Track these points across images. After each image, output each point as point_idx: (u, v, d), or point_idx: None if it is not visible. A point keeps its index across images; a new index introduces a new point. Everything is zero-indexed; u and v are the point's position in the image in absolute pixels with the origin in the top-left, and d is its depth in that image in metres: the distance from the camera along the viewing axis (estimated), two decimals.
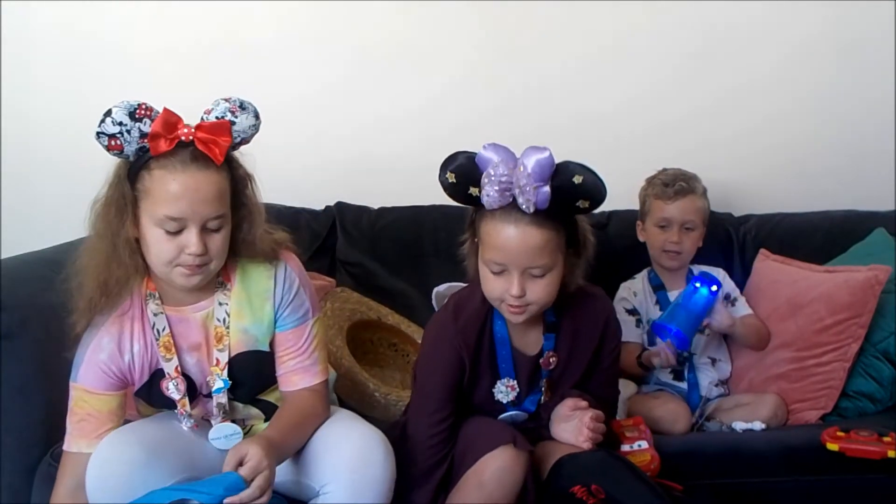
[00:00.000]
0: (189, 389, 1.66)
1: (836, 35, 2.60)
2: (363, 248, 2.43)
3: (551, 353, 1.75)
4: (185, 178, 1.53)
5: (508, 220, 1.60)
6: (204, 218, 1.55)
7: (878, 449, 1.81)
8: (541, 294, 1.64)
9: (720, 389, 2.24)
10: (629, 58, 2.61)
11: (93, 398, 1.63)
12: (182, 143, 1.54)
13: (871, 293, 2.13)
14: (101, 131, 1.53)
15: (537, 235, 1.60)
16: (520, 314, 1.66)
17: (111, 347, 1.63)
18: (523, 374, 1.75)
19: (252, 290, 1.67)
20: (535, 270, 1.62)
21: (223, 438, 1.67)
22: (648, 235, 2.29)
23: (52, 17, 2.57)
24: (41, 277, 2.02)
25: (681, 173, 2.27)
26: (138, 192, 1.56)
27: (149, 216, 1.55)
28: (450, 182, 1.62)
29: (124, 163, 1.58)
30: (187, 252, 1.54)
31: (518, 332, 1.75)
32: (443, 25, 2.58)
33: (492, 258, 1.63)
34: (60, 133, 2.60)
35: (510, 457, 1.62)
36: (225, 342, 1.65)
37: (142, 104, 1.53)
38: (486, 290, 1.67)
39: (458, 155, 1.63)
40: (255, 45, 2.52)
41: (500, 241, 1.61)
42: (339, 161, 2.57)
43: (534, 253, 1.60)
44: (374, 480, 1.57)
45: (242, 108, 1.58)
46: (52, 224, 2.51)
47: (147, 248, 1.57)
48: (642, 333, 2.25)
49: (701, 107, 2.61)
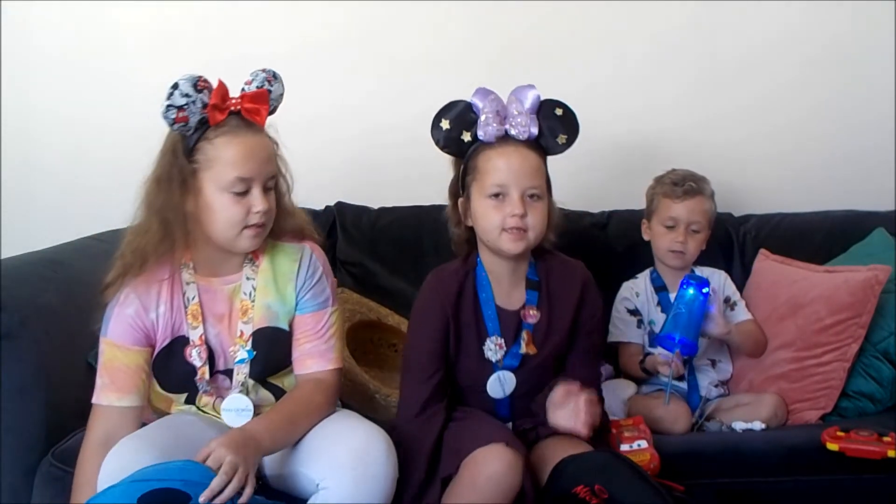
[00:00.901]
0: (209, 362, 1.73)
1: (836, 36, 2.60)
2: (363, 248, 2.43)
3: (533, 307, 1.82)
4: (246, 141, 1.65)
5: (507, 145, 1.76)
6: (265, 177, 1.68)
7: (878, 449, 1.81)
8: (538, 220, 1.75)
9: (720, 390, 2.23)
10: (629, 59, 2.61)
11: (121, 352, 1.70)
12: (231, 112, 1.66)
13: (870, 293, 2.13)
14: (170, 104, 1.61)
15: (533, 157, 1.76)
16: (520, 240, 1.74)
17: (137, 304, 1.70)
18: (508, 331, 1.81)
19: (277, 270, 1.76)
20: (533, 190, 1.74)
21: (234, 412, 1.72)
22: (654, 234, 2.28)
23: (53, 18, 2.57)
24: (41, 277, 2.03)
25: (690, 174, 2.26)
26: (198, 163, 1.65)
27: (214, 184, 1.65)
28: (444, 129, 1.77)
29: (178, 139, 1.67)
30: (254, 210, 1.66)
31: (501, 289, 1.82)
32: (444, 26, 2.59)
33: (494, 182, 1.73)
34: (60, 133, 2.61)
35: (503, 456, 1.61)
36: (249, 315, 1.73)
37: (201, 77, 1.64)
38: (486, 224, 1.75)
39: (450, 104, 1.78)
40: (256, 47, 2.53)
41: (502, 163, 1.74)
42: (339, 161, 2.57)
43: (532, 172, 1.75)
44: (375, 477, 1.57)
45: (275, 78, 1.73)
46: (52, 224, 2.53)
47: (211, 215, 1.66)
48: (643, 334, 2.25)
49: (701, 107, 2.62)
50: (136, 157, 2.58)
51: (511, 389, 1.80)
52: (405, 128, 2.57)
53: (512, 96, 1.78)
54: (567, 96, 2.54)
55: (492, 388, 1.80)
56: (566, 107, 1.80)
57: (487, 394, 1.80)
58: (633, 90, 2.61)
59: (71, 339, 1.99)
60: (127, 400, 1.68)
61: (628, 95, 2.61)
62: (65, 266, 2.12)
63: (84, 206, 2.59)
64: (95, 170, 2.61)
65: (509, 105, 1.77)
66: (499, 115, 1.75)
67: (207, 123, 1.65)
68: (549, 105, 1.78)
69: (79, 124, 2.61)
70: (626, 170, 2.58)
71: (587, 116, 2.56)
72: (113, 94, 2.59)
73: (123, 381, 1.69)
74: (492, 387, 1.80)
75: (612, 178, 2.62)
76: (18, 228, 2.57)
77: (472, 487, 1.62)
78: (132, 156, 2.55)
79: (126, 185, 2.54)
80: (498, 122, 1.75)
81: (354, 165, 2.57)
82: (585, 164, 2.59)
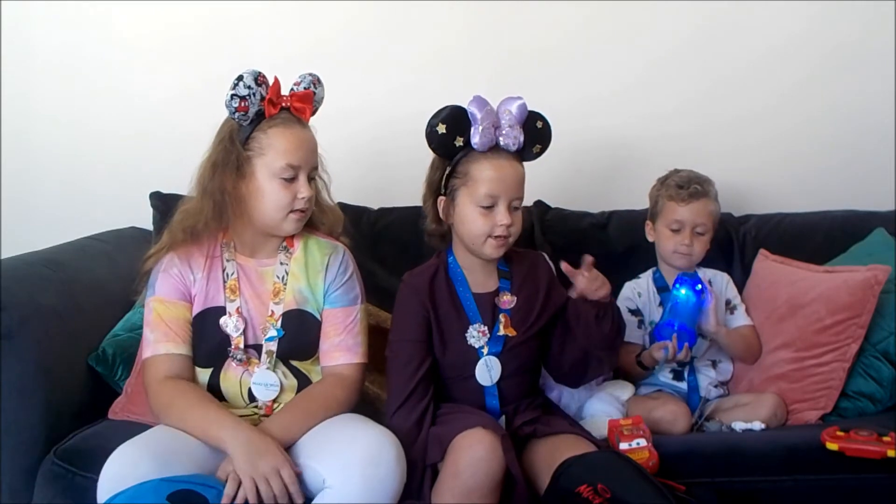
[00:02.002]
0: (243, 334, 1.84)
1: (836, 39, 2.60)
2: (363, 249, 2.42)
3: (507, 293, 1.90)
4: (297, 133, 1.83)
5: (500, 156, 1.83)
6: (311, 166, 1.85)
7: (877, 449, 1.81)
8: (518, 225, 1.85)
9: (720, 390, 2.23)
10: (632, 63, 2.61)
11: (169, 306, 1.83)
12: (282, 108, 1.83)
13: (870, 293, 2.13)
14: (234, 93, 1.77)
15: (520, 169, 1.86)
16: (503, 246, 1.84)
17: (179, 265, 1.85)
18: (486, 316, 1.88)
19: (309, 260, 1.90)
20: (517, 202, 1.84)
21: (263, 386, 1.83)
22: (659, 237, 2.27)
23: (53, 18, 2.57)
24: (41, 277, 2.03)
25: (695, 176, 2.25)
26: (252, 150, 1.81)
27: (267, 169, 1.80)
28: (439, 133, 1.81)
29: (235, 128, 1.81)
30: (300, 196, 1.82)
31: (475, 279, 1.90)
32: (448, 30, 2.59)
33: (486, 192, 1.81)
34: (60, 134, 2.61)
35: (482, 440, 1.66)
36: (281, 296, 1.86)
37: (260, 72, 1.80)
38: (474, 229, 1.83)
39: (446, 108, 1.83)
40: (254, 50, 2.53)
41: (496, 175, 1.81)
42: (339, 161, 2.57)
43: (519, 184, 1.84)
44: (383, 481, 1.60)
45: (319, 82, 1.91)
46: (52, 224, 2.53)
47: (261, 198, 1.81)
48: (644, 335, 2.24)
49: (702, 110, 2.62)
50: (136, 158, 2.61)
51: (498, 375, 1.86)
52: (405, 128, 2.56)
53: (503, 107, 1.84)
54: (571, 98, 2.58)
55: (480, 374, 1.85)
56: (545, 119, 1.90)
57: (475, 382, 1.85)
58: (635, 93, 2.61)
59: (71, 339, 2.00)
60: (183, 348, 1.82)
61: (630, 98, 2.61)
62: (65, 266, 2.12)
63: (84, 206, 2.59)
64: (95, 170, 2.62)
65: (500, 115, 1.83)
66: (492, 126, 1.82)
67: (262, 115, 1.81)
68: (532, 117, 1.86)
69: (78, 125, 2.61)
70: (627, 170, 2.58)
71: (589, 118, 2.60)
72: (113, 94, 2.59)
73: (175, 332, 1.82)
74: (480, 373, 1.85)
75: (613, 178, 2.62)
76: (18, 228, 2.58)
77: (454, 475, 1.66)
78: (132, 156, 2.61)
79: (126, 185, 2.58)
80: (492, 133, 1.81)
81: (354, 166, 2.57)
82: (586, 164, 2.60)
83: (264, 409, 1.83)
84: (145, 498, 1.51)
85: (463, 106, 1.82)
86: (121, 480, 1.55)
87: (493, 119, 1.82)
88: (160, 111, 2.57)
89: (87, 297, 2.11)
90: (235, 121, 1.80)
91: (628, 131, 2.61)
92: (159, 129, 2.58)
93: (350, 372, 1.86)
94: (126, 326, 2.13)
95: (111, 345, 2.08)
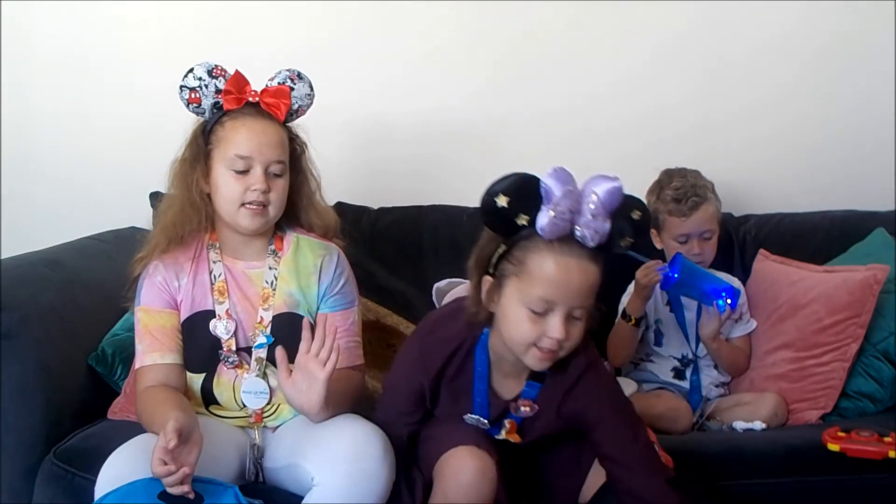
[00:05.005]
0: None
1: (836, 36, 2.60)
2: (363, 248, 2.43)
3: (529, 401, 1.62)
4: (252, 124, 1.78)
5: (569, 253, 1.45)
6: (268, 160, 1.77)
7: (878, 449, 1.81)
8: (577, 338, 1.50)
9: (720, 390, 2.24)
10: (628, 59, 2.61)
11: (155, 315, 1.79)
12: (249, 103, 1.79)
13: (869, 293, 2.14)
14: (183, 84, 1.79)
15: (594, 272, 1.47)
16: (549, 360, 1.51)
17: (164, 272, 1.81)
18: (494, 412, 1.65)
19: (301, 262, 1.85)
20: (578, 311, 1.48)
21: (252, 394, 1.78)
22: (667, 248, 2.25)
23: (53, 18, 2.57)
24: (41, 277, 2.02)
25: (689, 184, 2.21)
26: (211, 143, 1.79)
27: (220, 161, 1.77)
28: (499, 206, 1.43)
29: (200, 123, 1.82)
30: (252, 189, 1.75)
31: (500, 376, 1.63)
32: (447, 27, 2.58)
33: (542, 295, 1.46)
34: (60, 133, 2.61)
35: (467, 462, 1.55)
36: (270, 302, 1.81)
37: (217, 65, 1.80)
38: (517, 334, 1.50)
39: (513, 175, 1.45)
40: (254, 48, 2.52)
41: (558, 277, 1.44)
42: (339, 161, 2.57)
43: (588, 291, 1.47)
44: (369, 476, 1.56)
45: (300, 78, 1.85)
46: (52, 224, 2.53)
47: (217, 192, 1.78)
48: (641, 331, 2.23)
49: (702, 108, 2.61)
50: (136, 158, 2.61)
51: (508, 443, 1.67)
52: (405, 128, 2.58)
53: (589, 188, 1.45)
54: (570, 96, 2.57)
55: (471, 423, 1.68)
56: (645, 208, 1.52)
57: None
58: (634, 91, 2.60)
59: (71, 339, 1.99)
60: (170, 357, 1.78)
61: (629, 96, 2.60)
62: (65, 266, 2.12)
63: (84, 206, 2.59)
64: (95, 170, 2.61)
65: (584, 199, 1.44)
66: (569, 211, 1.43)
67: (223, 109, 1.79)
68: (629, 206, 1.48)
69: (79, 124, 2.61)
70: (627, 170, 2.57)
71: (589, 116, 2.60)
72: (113, 94, 2.59)
73: (162, 341, 1.78)
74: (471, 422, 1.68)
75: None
76: (18, 228, 2.57)
77: (444, 497, 1.57)
78: (132, 156, 2.60)
79: (125, 185, 2.58)
80: (567, 220, 1.43)
81: (354, 166, 2.57)
82: (586, 164, 2.59)
83: (254, 417, 1.78)
84: (136, 497, 1.51)
85: (536, 175, 1.45)
86: (119, 482, 1.53)
87: (573, 203, 1.43)
88: (160, 111, 2.54)
89: (87, 297, 2.10)
90: (191, 111, 1.80)
91: (629, 132, 2.60)
92: (159, 129, 2.54)
93: (353, 374, 1.82)
94: (126, 326, 2.12)
95: (111, 345, 2.07)
